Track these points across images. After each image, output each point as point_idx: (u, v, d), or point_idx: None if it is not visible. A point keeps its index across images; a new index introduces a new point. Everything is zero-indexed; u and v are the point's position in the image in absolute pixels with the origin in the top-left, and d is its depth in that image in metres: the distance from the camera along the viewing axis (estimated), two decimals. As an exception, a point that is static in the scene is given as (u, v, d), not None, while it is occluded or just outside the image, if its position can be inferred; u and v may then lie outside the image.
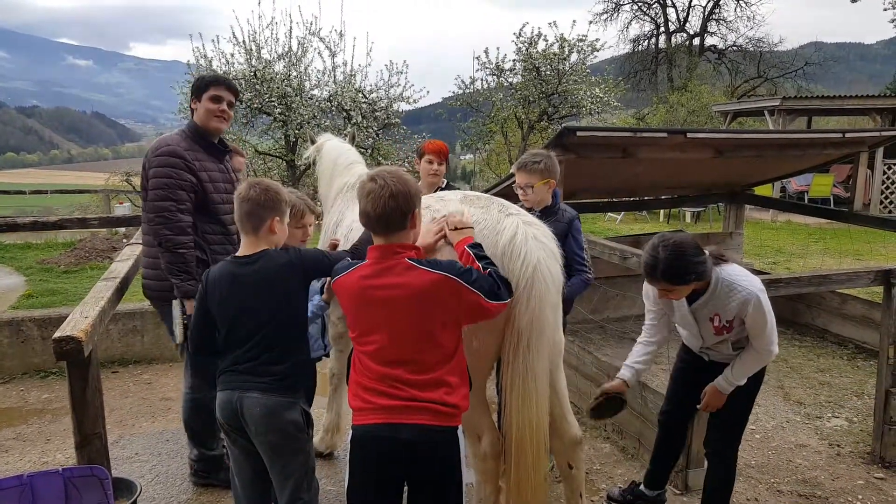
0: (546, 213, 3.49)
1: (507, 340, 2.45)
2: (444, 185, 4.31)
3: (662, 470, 3.51)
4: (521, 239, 2.43)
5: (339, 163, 4.01)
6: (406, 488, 2.33)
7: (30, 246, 12.18)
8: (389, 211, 2.19)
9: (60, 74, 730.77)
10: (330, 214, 3.88)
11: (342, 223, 3.63)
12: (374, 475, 2.24)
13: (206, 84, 3.50)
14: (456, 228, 2.46)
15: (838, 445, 4.35)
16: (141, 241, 3.72)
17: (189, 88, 3.56)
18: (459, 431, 2.29)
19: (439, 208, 2.59)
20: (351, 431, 2.30)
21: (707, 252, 2.88)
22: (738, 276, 2.86)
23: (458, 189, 4.02)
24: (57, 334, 2.51)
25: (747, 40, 34.09)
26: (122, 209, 15.39)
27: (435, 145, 4.28)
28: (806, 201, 15.24)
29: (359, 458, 2.25)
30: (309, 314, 2.76)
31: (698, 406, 3.14)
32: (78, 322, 2.65)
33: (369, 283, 2.21)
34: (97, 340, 2.81)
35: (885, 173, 16.12)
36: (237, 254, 2.63)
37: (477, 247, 2.39)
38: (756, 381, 3.05)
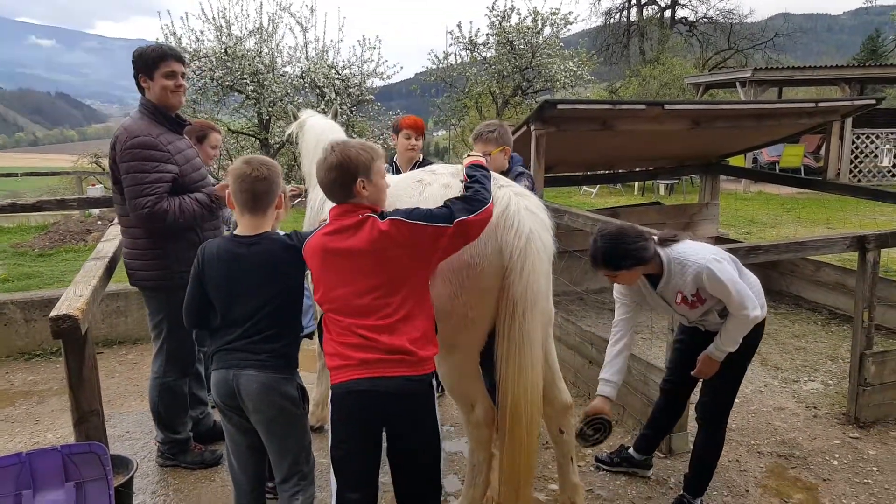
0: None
1: (503, 310, 2.50)
2: (421, 160, 4.31)
3: (656, 436, 3.58)
4: (514, 210, 2.48)
5: (323, 139, 3.99)
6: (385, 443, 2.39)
7: (1, 230, 11.92)
8: (329, 183, 2.32)
9: (22, 54, 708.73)
10: (315, 190, 3.87)
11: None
12: (356, 429, 2.31)
13: (155, 61, 3.31)
14: (469, 156, 2.66)
15: (815, 407, 4.48)
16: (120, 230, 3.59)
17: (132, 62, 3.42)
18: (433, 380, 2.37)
19: (431, 181, 2.62)
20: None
21: (654, 237, 2.98)
22: (688, 251, 2.93)
23: (434, 163, 4.03)
24: (53, 313, 2.49)
25: (718, 12, 34.36)
26: (95, 191, 15.10)
27: (411, 120, 4.30)
28: (777, 171, 15.51)
29: (341, 413, 2.32)
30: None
31: (693, 373, 3.18)
32: (73, 301, 2.64)
33: (330, 239, 2.31)
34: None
35: (853, 142, 16.44)
36: (237, 232, 2.59)
37: (476, 167, 2.50)
38: (746, 351, 3.10)
